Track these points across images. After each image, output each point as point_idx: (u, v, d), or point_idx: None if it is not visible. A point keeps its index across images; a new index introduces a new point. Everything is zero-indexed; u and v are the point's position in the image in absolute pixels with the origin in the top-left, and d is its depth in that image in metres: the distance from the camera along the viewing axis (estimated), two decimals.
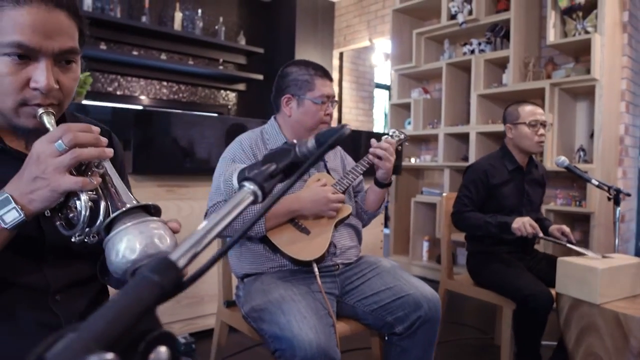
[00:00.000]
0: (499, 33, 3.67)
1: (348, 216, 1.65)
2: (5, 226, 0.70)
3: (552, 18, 3.26)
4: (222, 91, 5.43)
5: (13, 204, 0.70)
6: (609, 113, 3.17)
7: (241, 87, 5.48)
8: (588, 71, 3.17)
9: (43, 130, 0.78)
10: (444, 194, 2.46)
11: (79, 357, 0.27)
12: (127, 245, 0.68)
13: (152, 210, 0.74)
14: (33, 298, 0.83)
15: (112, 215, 0.71)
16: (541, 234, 1.94)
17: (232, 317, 1.72)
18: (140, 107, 4.84)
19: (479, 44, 3.86)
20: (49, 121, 0.77)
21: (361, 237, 1.81)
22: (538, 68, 3.54)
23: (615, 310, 1.58)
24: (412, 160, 4.43)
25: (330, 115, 1.69)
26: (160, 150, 2.41)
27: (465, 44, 3.99)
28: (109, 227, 0.71)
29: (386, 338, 1.62)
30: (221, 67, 5.20)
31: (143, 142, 2.33)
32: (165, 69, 4.89)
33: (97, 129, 0.75)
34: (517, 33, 3.49)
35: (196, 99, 5.25)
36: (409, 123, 4.38)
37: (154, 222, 0.71)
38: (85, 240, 0.75)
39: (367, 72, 6.12)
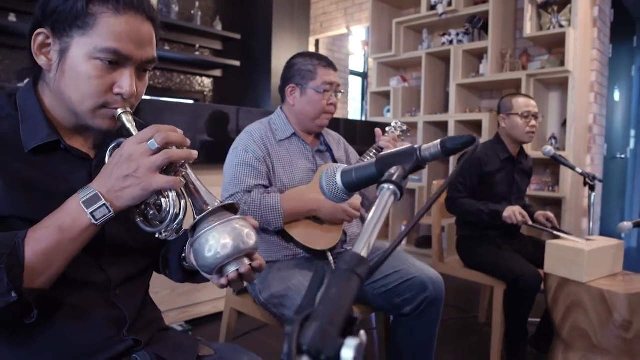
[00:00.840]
0: (477, 24, 3.80)
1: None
2: (96, 222, 0.72)
3: (528, 11, 3.41)
4: (198, 77, 5.36)
5: (103, 201, 0.72)
6: (580, 103, 3.37)
7: (217, 73, 5.42)
8: (562, 63, 3.35)
9: (119, 130, 0.81)
10: (434, 182, 2.57)
11: (335, 342, 0.32)
12: (219, 242, 0.72)
13: (230, 209, 0.79)
14: (97, 294, 0.85)
15: (201, 215, 0.75)
16: (530, 222, 2.08)
17: (242, 303, 1.77)
18: None
19: (457, 34, 3.98)
20: (128, 120, 0.80)
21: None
22: (514, 59, 3.70)
23: (600, 288, 1.73)
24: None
25: (334, 104, 1.75)
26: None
27: (443, 34, 4.10)
28: (194, 226, 0.75)
29: (392, 318, 1.71)
30: (197, 53, 5.13)
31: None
32: None
33: (180, 130, 0.78)
34: (494, 25, 3.62)
35: (172, 85, 5.16)
36: (388, 111, 4.48)
37: (240, 220, 0.76)
38: (167, 238, 0.78)
39: (342, 59, 6.17)
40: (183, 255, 0.95)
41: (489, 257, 2.15)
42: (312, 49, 5.74)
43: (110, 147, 0.83)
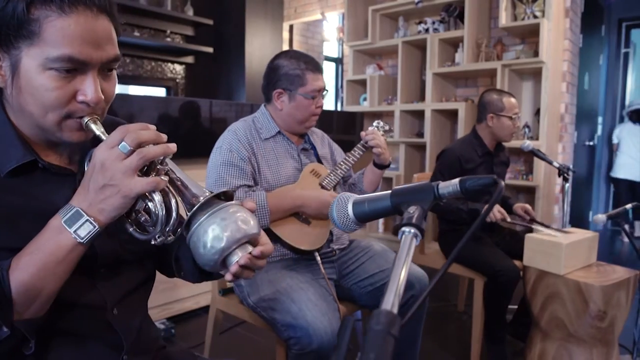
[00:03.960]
0: (453, 13, 3.81)
1: None
2: (82, 241, 0.67)
3: (503, 1, 3.44)
4: (169, 64, 5.21)
5: (85, 217, 0.67)
6: (552, 93, 3.44)
7: (189, 59, 5.28)
8: (536, 53, 3.40)
9: (89, 141, 0.76)
10: (415, 175, 2.59)
11: None
12: (212, 235, 0.68)
13: (223, 197, 0.74)
14: (94, 317, 0.81)
15: (191, 211, 0.70)
16: (509, 219, 2.12)
17: (227, 304, 1.76)
18: None
19: (433, 22, 3.98)
20: (97, 128, 0.74)
21: None
22: (489, 49, 3.74)
23: (577, 280, 1.79)
24: None
25: (321, 106, 1.73)
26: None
27: (420, 22, 4.10)
28: (188, 223, 0.71)
29: None
30: (168, 39, 4.98)
31: None
32: None
33: (152, 126, 0.73)
34: (470, 14, 3.64)
35: (142, 72, 5.01)
36: (365, 99, 4.47)
37: (233, 207, 0.70)
38: (164, 242, 0.73)
39: (316, 45, 6.11)
40: None
41: (469, 251, 2.19)
42: (285, 34, 5.65)
43: (87, 159, 0.77)
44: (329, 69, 7.04)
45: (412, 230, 0.48)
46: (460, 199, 2.24)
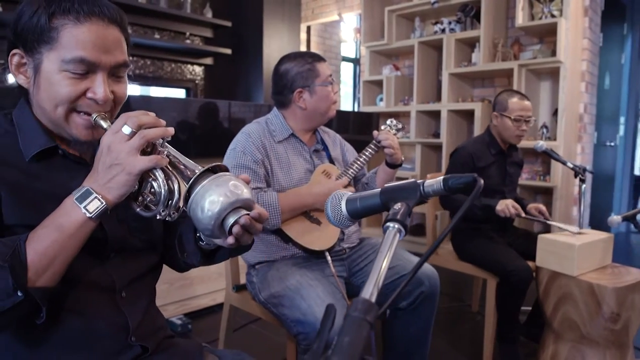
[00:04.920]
0: (469, 13, 3.80)
1: None
2: (90, 215, 0.74)
3: (520, 1, 3.41)
4: (189, 66, 5.31)
5: (94, 194, 0.74)
6: (571, 93, 3.40)
7: (208, 61, 5.36)
8: (554, 53, 3.36)
9: (99, 138, 0.81)
10: (428, 175, 2.59)
11: None
12: (208, 200, 0.73)
13: (218, 170, 0.80)
14: (103, 298, 0.88)
15: (187, 185, 0.76)
16: (523, 214, 2.11)
17: (241, 300, 1.80)
18: None
19: (450, 23, 3.97)
20: (106, 123, 0.81)
21: (361, 221, 1.92)
22: (506, 48, 3.71)
23: (590, 281, 1.78)
24: None
25: (337, 92, 1.78)
26: None
27: (436, 23, 4.09)
28: (187, 195, 0.77)
29: (388, 312, 1.76)
30: (187, 41, 5.07)
31: None
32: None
33: (152, 113, 0.80)
34: (487, 14, 3.62)
35: (163, 74, 5.11)
36: (381, 100, 4.48)
37: (225, 176, 0.77)
38: (168, 218, 0.79)
39: (334, 46, 6.14)
40: (198, 234, 0.96)
41: (482, 251, 2.19)
42: (303, 35, 5.70)
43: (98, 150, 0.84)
44: (346, 69, 7.06)
45: (396, 226, 0.51)
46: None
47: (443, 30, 3.99)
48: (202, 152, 2.67)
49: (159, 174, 0.77)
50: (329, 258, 1.64)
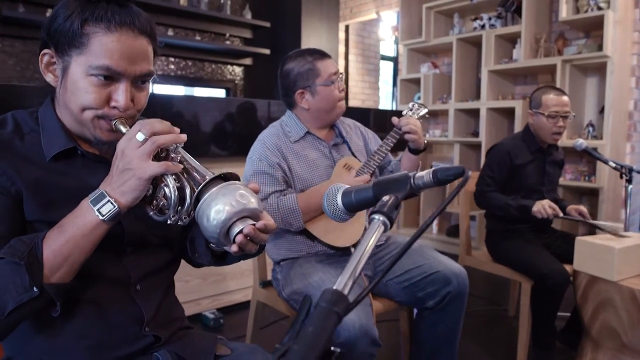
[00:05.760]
0: (510, 8, 3.67)
1: None
2: (103, 218, 0.77)
3: None
4: (228, 66, 5.42)
5: (107, 198, 0.77)
6: (619, 89, 3.22)
7: (248, 61, 5.46)
8: (600, 47, 3.20)
9: (118, 138, 0.84)
10: None
11: None
12: (214, 208, 0.74)
13: (229, 178, 0.80)
14: (118, 290, 0.91)
15: (196, 191, 0.77)
16: (561, 214, 2.02)
17: (268, 296, 1.81)
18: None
19: (490, 18, 3.86)
20: (124, 127, 0.84)
21: None
22: (549, 44, 3.57)
23: (631, 287, 1.68)
24: None
25: (343, 90, 1.73)
26: None
27: (475, 19, 3.99)
28: (196, 201, 0.78)
29: (415, 312, 1.73)
30: (227, 42, 5.18)
31: None
32: (172, 45, 4.85)
33: (167, 122, 0.82)
34: (528, 8, 3.49)
35: (203, 74, 5.24)
36: (419, 98, 4.41)
37: (233, 184, 0.77)
38: (179, 222, 0.81)
39: (373, 44, 6.10)
40: None
41: (517, 253, 2.11)
42: (341, 35, 5.69)
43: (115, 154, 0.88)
44: (385, 68, 7.00)
45: (381, 218, 0.50)
46: (511, 193, 2.15)
47: (483, 26, 3.88)
48: (241, 151, 2.71)
49: (170, 180, 0.79)
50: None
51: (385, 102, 7.17)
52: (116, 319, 0.90)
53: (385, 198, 0.52)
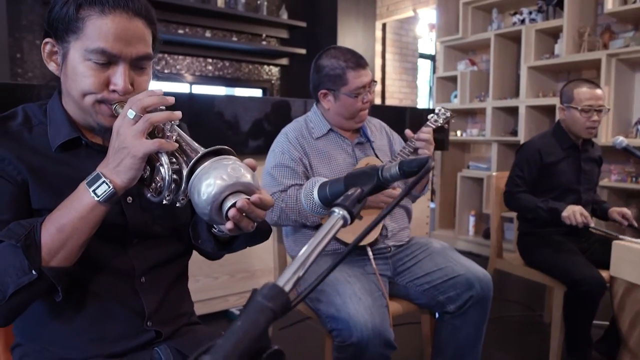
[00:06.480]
0: (552, 1, 3.51)
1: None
2: (98, 199, 0.76)
3: None
4: (265, 66, 5.47)
5: (103, 179, 0.76)
6: None
7: (284, 61, 5.49)
8: None
9: None
10: (494, 173, 2.44)
11: None
12: (204, 182, 0.71)
13: (223, 153, 0.77)
14: (122, 283, 0.90)
15: (189, 166, 0.74)
16: (592, 224, 1.90)
17: None
18: (186, 89, 4.97)
19: (530, 12, 3.71)
20: (122, 108, 0.83)
21: (411, 217, 1.84)
22: (594, 37, 3.38)
23: None
24: (458, 133, 4.37)
25: (370, 101, 1.70)
26: (205, 131, 2.51)
27: (515, 13, 3.84)
28: (187, 178, 0.75)
29: (437, 316, 1.67)
30: (264, 43, 5.23)
31: (188, 124, 2.43)
32: (210, 46, 4.95)
33: (159, 91, 0.81)
34: (572, 0, 3.32)
35: (240, 74, 5.31)
36: (455, 96, 4.30)
37: (226, 159, 0.74)
38: (177, 204, 0.79)
39: (410, 42, 6.00)
40: None
41: (549, 257, 2.01)
42: (378, 33, 5.63)
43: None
44: (424, 66, 6.87)
45: (342, 212, 0.47)
46: (545, 193, 2.05)
47: (522, 21, 3.73)
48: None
49: (165, 159, 0.77)
50: (370, 254, 1.59)
51: (424, 101, 7.04)
52: (119, 313, 0.90)
53: (351, 191, 0.49)
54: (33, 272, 0.74)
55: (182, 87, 4.97)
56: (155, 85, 0.92)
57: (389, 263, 1.67)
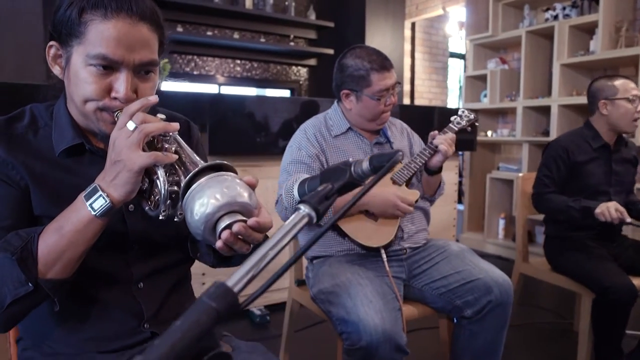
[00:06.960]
0: None
1: (416, 201, 1.64)
2: (95, 213, 0.74)
3: None
4: (293, 67, 5.48)
5: (100, 192, 0.74)
6: None
7: (312, 62, 5.49)
8: None
9: None
10: (520, 174, 2.35)
11: None
12: (199, 202, 0.67)
13: (222, 168, 0.74)
14: (120, 288, 0.90)
15: (184, 182, 0.71)
16: (629, 219, 1.79)
17: (302, 295, 1.79)
18: (215, 90, 5.03)
19: (564, 8, 3.57)
20: None
21: (429, 219, 1.80)
22: (632, 32, 3.23)
23: None
24: (489, 134, 4.25)
25: (392, 103, 1.66)
26: (234, 131, 2.53)
27: (547, 9, 3.71)
28: (183, 195, 0.71)
29: (455, 321, 1.62)
30: (292, 43, 5.24)
31: (217, 124, 2.46)
32: (238, 48, 5.00)
33: (154, 98, 0.79)
34: None
35: (268, 75, 5.35)
36: (485, 95, 4.19)
37: (222, 176, 0.70)
38: (175, 218, 0.77)
39: (440, 42, 5.89)
40: None
41: (577, 262, 1.92)
42: (407, 32, 5.55)
43: None
44: (454, 65, 6.74)
45: (307, 210, 0.45)
46: (573, 194, 1.95)
47: (555, 17, 3.60)
48: None
49: (161, 172, 0.74)
50: (384, 256, 1.56)
51: (455, 101, 6.90)
52: (116, 315, 0.90)
53: (321, 187, 0.47)
54: (29, 284, 0.73)
55: (210, 88, 5.04)
56: (185, 87, 0.88)
57: (403, 265, 1.63)
